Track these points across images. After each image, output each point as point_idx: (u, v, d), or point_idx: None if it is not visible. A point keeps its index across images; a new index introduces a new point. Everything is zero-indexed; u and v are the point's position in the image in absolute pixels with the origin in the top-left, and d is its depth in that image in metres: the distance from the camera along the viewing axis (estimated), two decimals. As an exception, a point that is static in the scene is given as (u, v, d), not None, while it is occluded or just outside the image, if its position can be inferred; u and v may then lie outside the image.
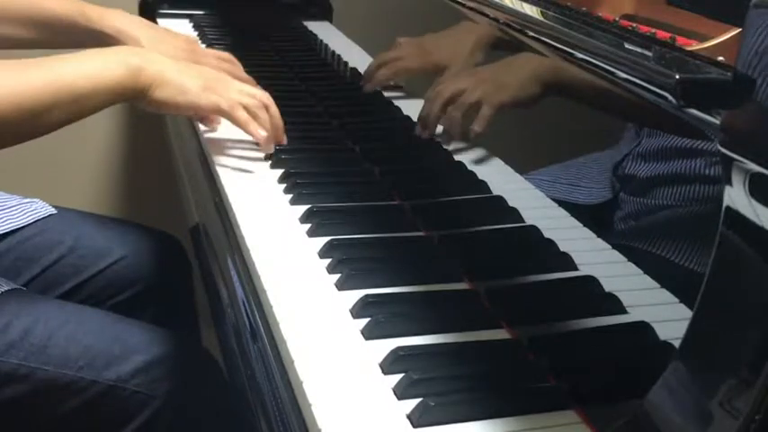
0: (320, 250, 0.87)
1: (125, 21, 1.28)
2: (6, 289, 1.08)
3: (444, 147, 1.08)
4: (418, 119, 1.11)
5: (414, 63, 1.24)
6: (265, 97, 1.09)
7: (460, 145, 1.06)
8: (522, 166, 0.94)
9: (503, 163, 0.99)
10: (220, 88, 1.06)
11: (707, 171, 0.66)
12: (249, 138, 1.08)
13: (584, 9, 0.81)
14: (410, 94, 1.26)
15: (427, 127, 1.09)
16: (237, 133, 1.10)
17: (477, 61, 1.05)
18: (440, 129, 1.09)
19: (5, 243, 1.22)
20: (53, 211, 1.27)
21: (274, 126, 1.09)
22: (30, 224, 1.24)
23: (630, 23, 0.76)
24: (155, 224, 1.40)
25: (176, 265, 1.35)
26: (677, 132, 0.70)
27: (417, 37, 1.21)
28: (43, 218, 1.25)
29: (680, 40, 0.70)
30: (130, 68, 1.00)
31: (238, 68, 1.28)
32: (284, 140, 1.11)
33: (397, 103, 1.24)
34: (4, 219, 1.22)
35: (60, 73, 0.96)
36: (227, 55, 1.31)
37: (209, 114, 1.12)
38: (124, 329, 1.08)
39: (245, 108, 1.06)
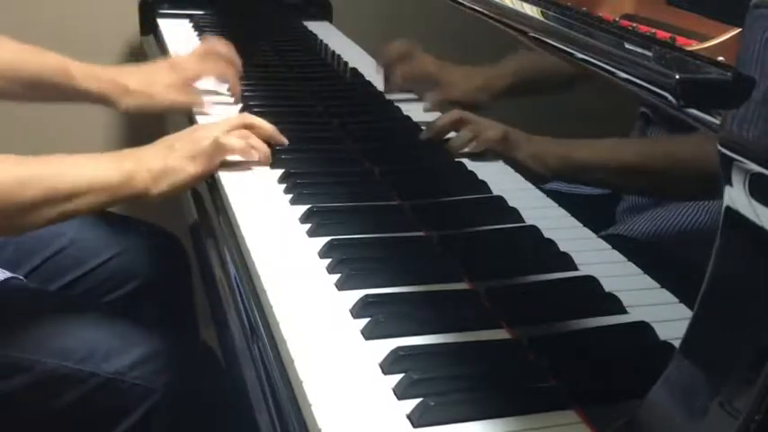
0: (320, 250, 0.87)
1: (108, 77, 1.27)
2: (6, 277, 1.09)
3: (444, 147, 1.08)
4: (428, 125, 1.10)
5: (420, 69, 1.24)
6: (246, 120, 1.10)
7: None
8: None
9: (503, 163, 0.99)
10: (204, 145, 1.05)
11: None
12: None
13: (584, 9, 0.81)
14: (410, 95, 1.26)
15: (434, 135, 1.08)
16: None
17: (474, 94, 1.06)
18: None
19: None
20: None
21: (267, 135, 1.10)
22: None
23: (630, 23, 0.76)
24: (154, 221, 1.40)
25: (175, 262, 1.36)
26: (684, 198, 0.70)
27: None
28: None
29: (680, 40, 0.70)
30: (123, 174, 0.99)
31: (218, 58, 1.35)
32: (285, 141, 1.11)
33: (397, 103, 1.24)
34: None
35: (57, 171, 0.96)
36: (203, 49, 1.36)
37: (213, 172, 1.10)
38: (123, 322, 1.08)
39: (238, 126, 1.07)
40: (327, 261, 0.85)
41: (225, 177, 1.05)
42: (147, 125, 1.10)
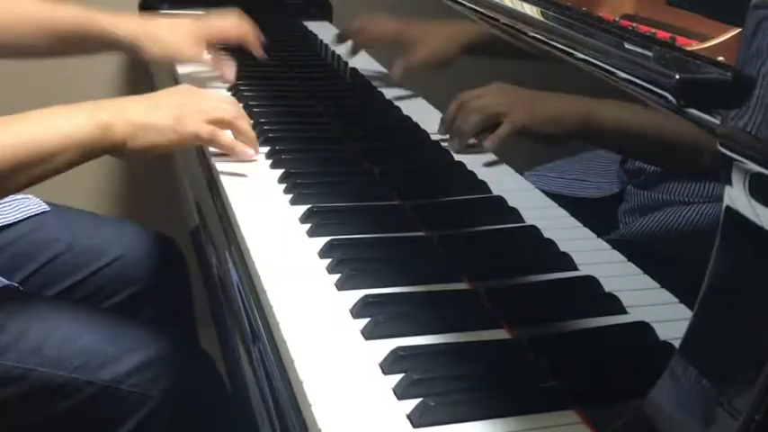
0: (320, 250, 0.87)
1: (135, 23, 1.28)
2: (1, 286, 1.08)
3: (444, 147, 1.08)
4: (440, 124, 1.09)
5: (382, 31, 1.25)
6: (239, 124, 1.08)
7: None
8: (522, 166, 0.94)
9: (503, 163, 0.99)
10: (193, 113, 1.03)
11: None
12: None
13: (584, 9, 0.81)
14: (410, 95, 1.26)
15: (448, 128, 1.07)
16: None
17: (447, 53, 1.06)
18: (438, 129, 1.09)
19: (0, 239, 1.21)
20: (46, 207, 1.27)
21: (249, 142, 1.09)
22: (24, 220, 1.24)
23: (630, 23, 0.76)
24: (155, 227, 1.40)
25: (173, 266, 1.35)
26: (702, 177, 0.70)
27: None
28: (38, 214, 1.25)
29: (680, 40, 0.70)
30: (100, 126, 0.95)
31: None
32: (257, 152, 1.09)
33: (397, 103, 1.24)
34: None
35: (27, 134, 0.92)
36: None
37: (191, 145, 1.09)
38: (120, 329, 1.07)
39: (222, 122, 1.06)
40: (327, 261, 0.85)
41: (225, 178, 1.05)
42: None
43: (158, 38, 1.27)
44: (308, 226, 0.92)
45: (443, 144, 1.07)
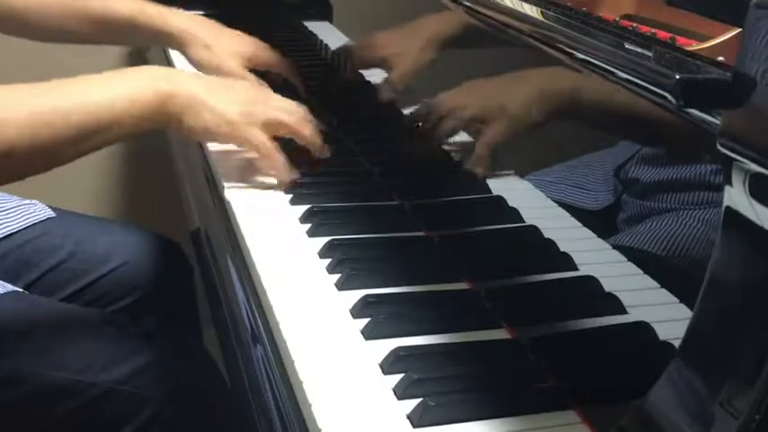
0: (320, 250, 0.87)
1: (187, 20, 1.22)
2: (5, 291, 1.08)
3: (444, 147, 1.08)
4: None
5: (369, 57, 1.25)
6: (302, 115, 1.02)
7: (460, 145, 1.06)
8: (522, 166, 0.94)
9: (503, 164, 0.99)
10: (258, 111, 0.97)
11: (712, 178, 0.66)
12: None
13: (584, 9, 0.81)
14: (411, 95, 1.26)
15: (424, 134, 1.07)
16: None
17: (427, 59, 1.05)
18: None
19: (4, 245, 1.21)
20: (52, 214, 1.27)
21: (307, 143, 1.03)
22: (29, 227, 1.23)
23: (630, 23, 0.76)
24: (155, 228, 1.40)
25: (177, 271, 1.35)
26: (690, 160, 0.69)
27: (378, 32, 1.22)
28: (42, 221, 1.25)
29: (680, 40, 0.70)
30: (159, 94, 0.91)
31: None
32: (327, 152, 1.04)
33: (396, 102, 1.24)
34: (2, 222, 1.22)
35: (82, 99, 0.87)
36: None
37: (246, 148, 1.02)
38: (123, 332, 1.07)
39: (286, 126, 1.00)
40: (327, 261, 0.85)
41: (225, 178, 1.04)
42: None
43: (201, 42, 1.19)
44: (308, 226, 0.92)
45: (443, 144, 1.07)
